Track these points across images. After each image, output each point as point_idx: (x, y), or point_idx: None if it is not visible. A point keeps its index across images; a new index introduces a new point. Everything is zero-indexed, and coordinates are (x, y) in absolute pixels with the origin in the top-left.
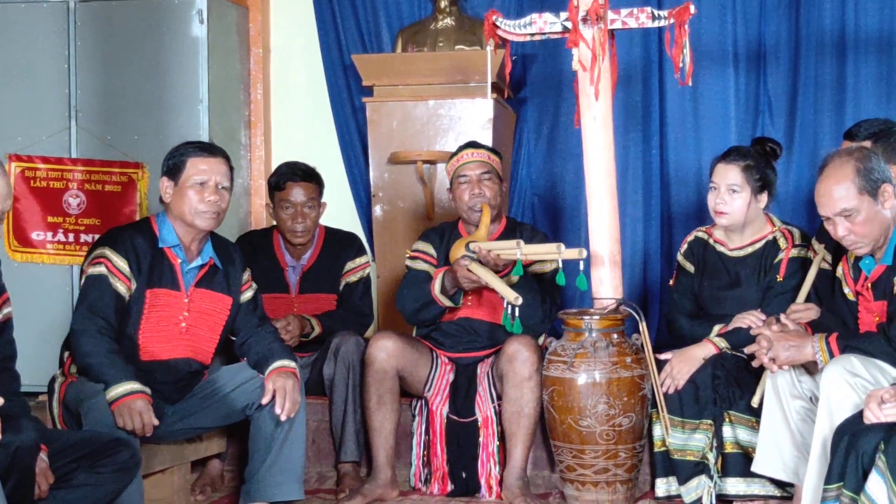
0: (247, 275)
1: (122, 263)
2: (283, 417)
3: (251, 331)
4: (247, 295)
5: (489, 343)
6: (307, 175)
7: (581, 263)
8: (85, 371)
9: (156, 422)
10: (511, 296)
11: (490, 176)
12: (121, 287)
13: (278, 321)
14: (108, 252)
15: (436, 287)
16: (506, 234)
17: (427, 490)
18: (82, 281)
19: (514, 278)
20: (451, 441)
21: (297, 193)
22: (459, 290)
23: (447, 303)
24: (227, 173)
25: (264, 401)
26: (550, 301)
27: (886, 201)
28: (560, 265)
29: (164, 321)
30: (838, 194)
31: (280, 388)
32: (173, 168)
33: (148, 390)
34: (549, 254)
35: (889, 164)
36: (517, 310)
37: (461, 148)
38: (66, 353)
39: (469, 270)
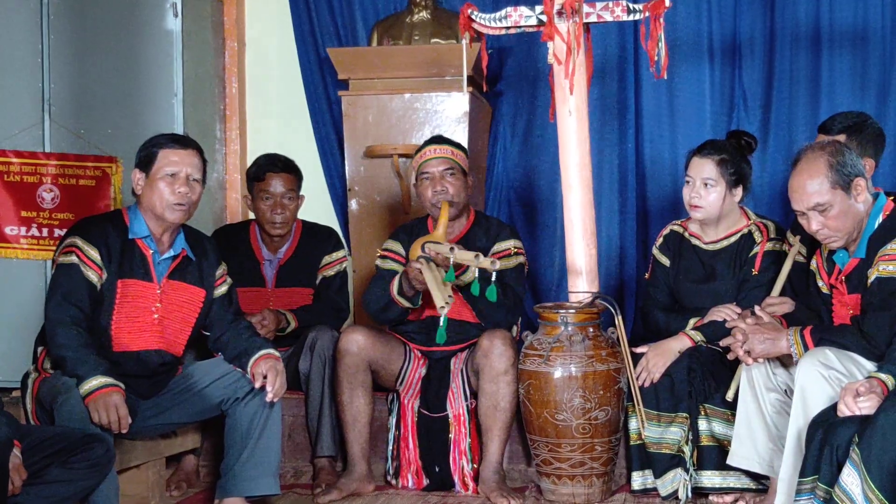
0: (221, 269)
1: (93, 253)
2: (270, 397)
3: (225, 326)
4: (221, 290)
5: (458, 338)
6: (287, 166)
7: (494, 275)
8: (59, 363)
9: (130, 419)
10: (438, 303)
11: (453, 172)
12: (93, 276)
13: (254, 316)
14: (78, 241)
15: (394, 288)
16: (473, 230)
17: (398, 484)
18: (53, 270)
19: (465, 278)
20: (422, 436)
21: (277, 184)
22: (418, 292)
23: (406, 304)
24: (198, 165)
25: (257, 385)
26: (513, 296)
27: (859, 195)
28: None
29: (136, 312)
30: (811, 189)
31: (271, 369)
32: (145, 159)
33: (122, 385)
34: (469, 260)
35: (863, 158)
36: (442, 317)
37: (425, 143)
38: (40, 349)
39: (420, 272)
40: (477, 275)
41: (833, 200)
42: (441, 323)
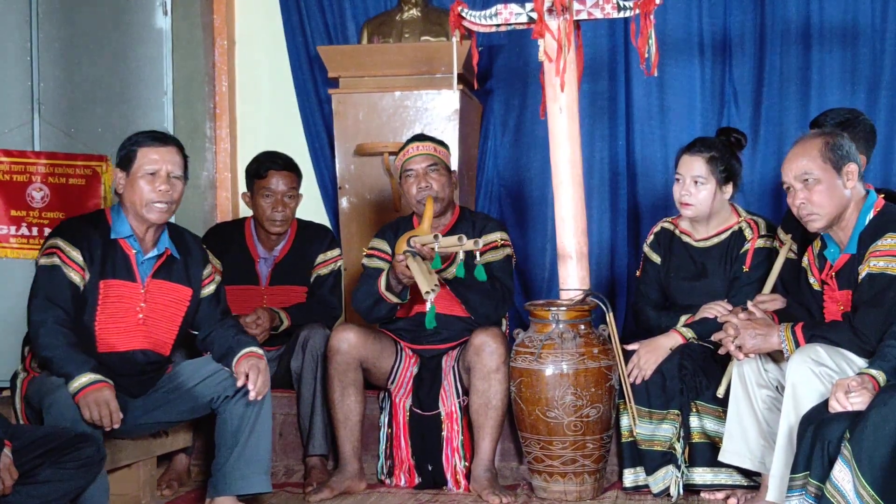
0: (209, 268)
1: (74, 254)
2: (252, 396)
3: (213, 325)
4: (209, 289)
5: (450, 336)
6: (288, 164)
7: (477, 255)
8: (45, 364)
9: (121, 415)
10: (423, 288)
11: (436, 168)
12: (75, 277)
13: (248, 316)
14: (60, 242)
15: (381, 284)
16: (458, 225)
17: (391, 483)
18: (35, 273)
19: (452, 271)
20: (414, 434)
21: (278, 182)
22: (406, 287)
23: (394, 299)
24: (179, 162)
25: (239, 383)
26: (502, 288)
27: (849, 181)
28: (512, 252)
29: (120, 312)
30: (802, 160)
31: (253, 368)
32: (125, 159)
33: (111, 381)
34: (454, 245)
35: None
36: (429, 303)
37: (408, 142)
38: (27, 349)
39: (406, 266)
40: (463, 258)
41: (822, 176)
42: (427, 308)
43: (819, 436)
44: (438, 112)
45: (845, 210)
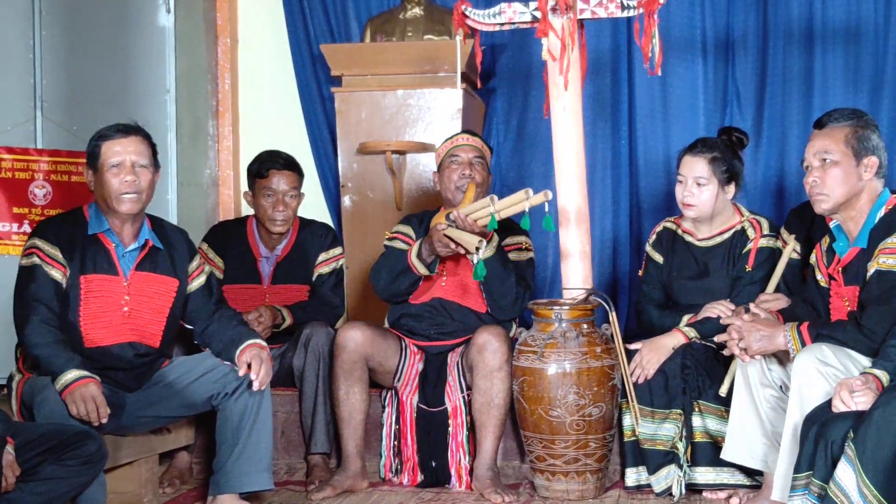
0: (196, 262)
1: (53, 251)
2: (256, 386)
3: (209, 318)
4: (199, 281)
5: (460, 328)
6: (289, 164)
7: (546, 206)
8: (34, 363)
9: (108, 409)
10: (473, 242)
11: (481, 162)
12: (56, 274)
13: (249, 314)
14: (38, 242)
15: (413, 253)
16: None
17: (398, 481)
18: (17, 275)
19: (490, 243)
20: (420, 431)
21: (280, 182)
22: (436, 259)
23: (422, 270)
24: (143, 151)
25: (241, 373)
26: (524, 286)
27: (866, 172)
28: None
29: (104, 307)
30: (826, 140)
31: (255, 358)
32: (91, 156)
33: (97, 377)
34: (518, 202)
35: None
36: (479, 253)
37: (456, 133)
38: (20, 349)
39: (446, 235)
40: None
41: (841, 159)
42: (478, 260)
43: (822, 435)
44: (441, 111)
45: (856, 199)
